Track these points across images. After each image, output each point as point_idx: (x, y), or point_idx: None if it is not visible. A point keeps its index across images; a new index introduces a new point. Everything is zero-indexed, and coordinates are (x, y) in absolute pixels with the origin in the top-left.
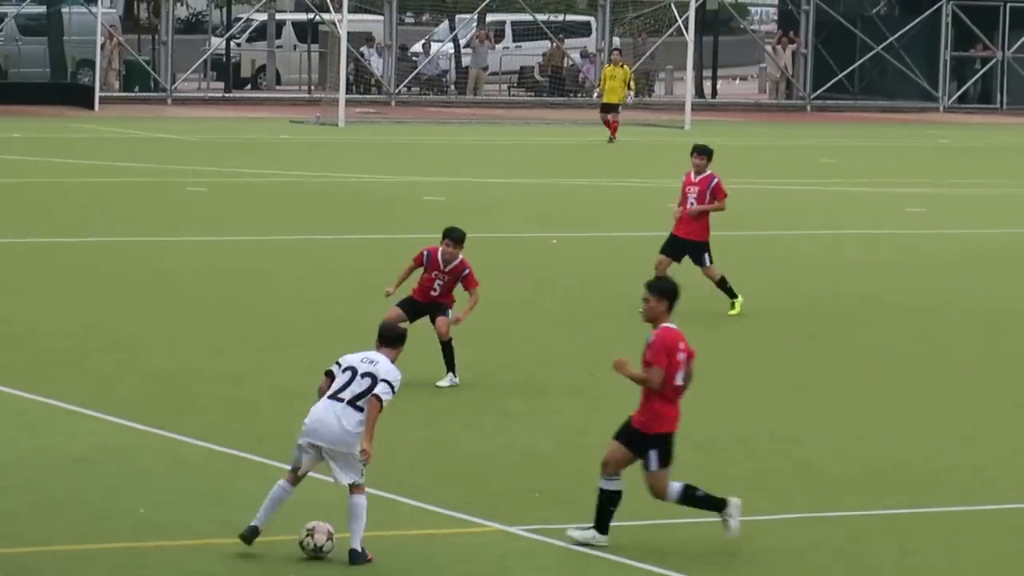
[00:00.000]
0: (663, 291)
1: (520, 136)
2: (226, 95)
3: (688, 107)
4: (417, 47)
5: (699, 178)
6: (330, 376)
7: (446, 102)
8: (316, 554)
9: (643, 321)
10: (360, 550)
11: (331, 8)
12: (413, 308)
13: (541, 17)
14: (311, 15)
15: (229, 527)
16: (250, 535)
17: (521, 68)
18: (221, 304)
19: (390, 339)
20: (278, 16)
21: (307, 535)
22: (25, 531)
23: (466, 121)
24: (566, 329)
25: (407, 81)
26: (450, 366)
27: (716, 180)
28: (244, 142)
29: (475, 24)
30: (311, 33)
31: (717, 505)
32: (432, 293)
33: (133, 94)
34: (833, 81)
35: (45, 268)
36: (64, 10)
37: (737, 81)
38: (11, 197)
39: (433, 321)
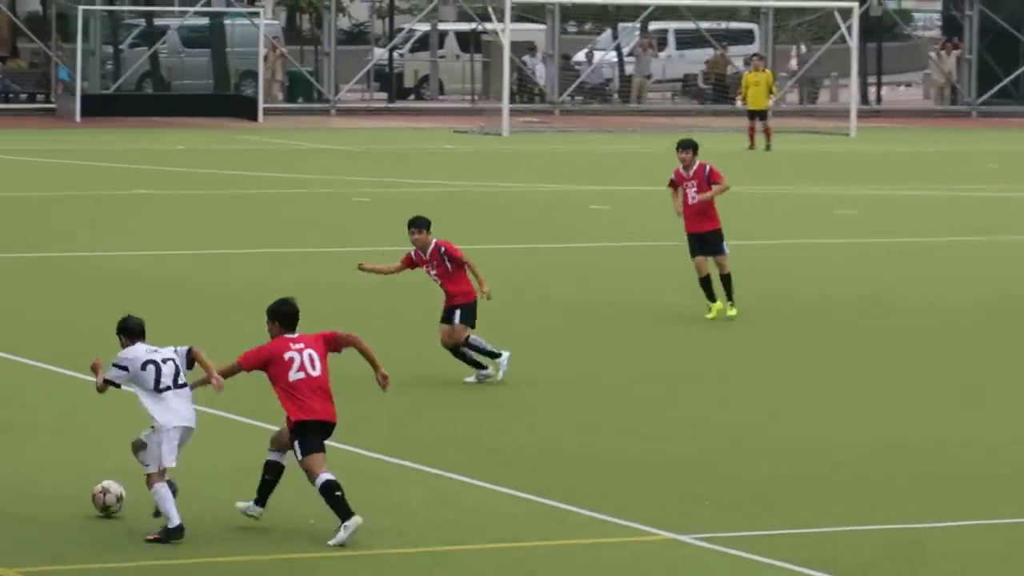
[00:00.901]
0: None
1: None
2: (389, 105)
3: (853, 114)
4: (580, 56)
5: (692, 171)
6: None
7: (609, 111)
8: (106, 513)
9: None
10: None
11: (494, 17)
12: (448, 316)
13: (704, 25)
14: (474, 25)
15: (399, 536)
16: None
17: (684, 76)
18: (384, 313)
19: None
20: (441, 26)
21: (101, 492)
22: (194, 539)
23: (630, 130)
24: (726, 336)
25: (570, 90)
26: (474, 364)
27: (709, 167)
28: (407, 152)
29: (638, 32)
30: (474, 43)
31: (344, 513)
32: (437, 283)
33: (296, 105)
34: (998, 87)
35: (215, 279)
36: (227, 22)
37: (901, 88)
38: (175, 209)
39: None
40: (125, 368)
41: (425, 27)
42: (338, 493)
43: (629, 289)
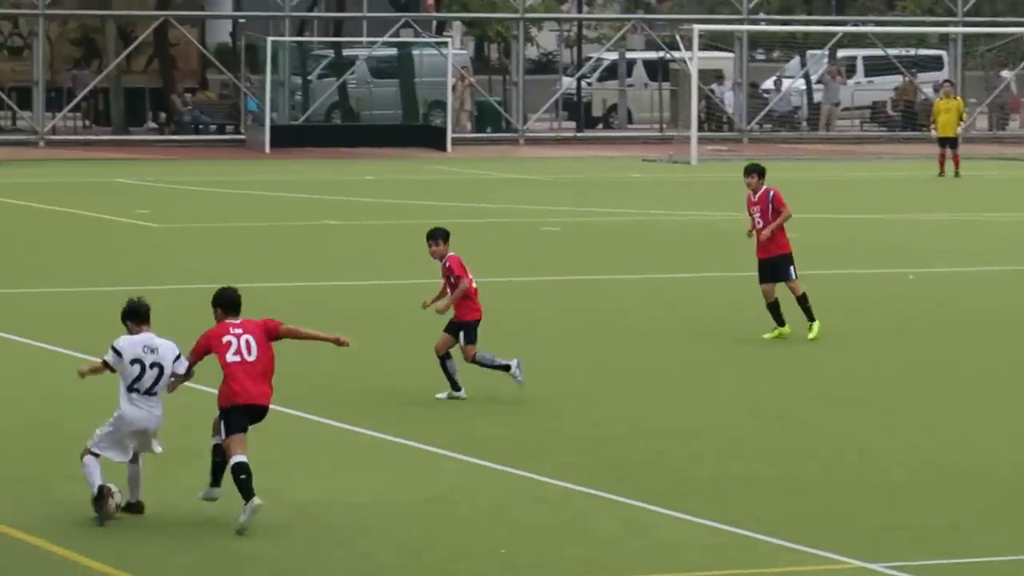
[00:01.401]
0: None
1: (874, 171)
2: (577, 134)
3: None
4: (768, 83)
5: (758, 196)
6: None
7: (798, 138)
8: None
9: None
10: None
11: (682, 46)
12: (453, 331)
13: (893, 52)
14: (662, 53)
15: (590, 566)
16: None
17: (873, 103)
18: (572, 342)
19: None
20: (629, 55)
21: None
22: (383, 571)
23: (819, 157)
24: (923, 364)
25: (758, 118)
26: (453, 383)
27: (773, 192)
28: (595, 181)
29: (826, 60)
30: (662, 71)
31: (247, 495)
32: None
33: (484, 135)
34: None
35: (404, 309)
36: (415, 52)
37: None
38: (364, 239)
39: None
40: (119, 354)
41: (613, 56)
42: (243, 476)
43: (820, 315)
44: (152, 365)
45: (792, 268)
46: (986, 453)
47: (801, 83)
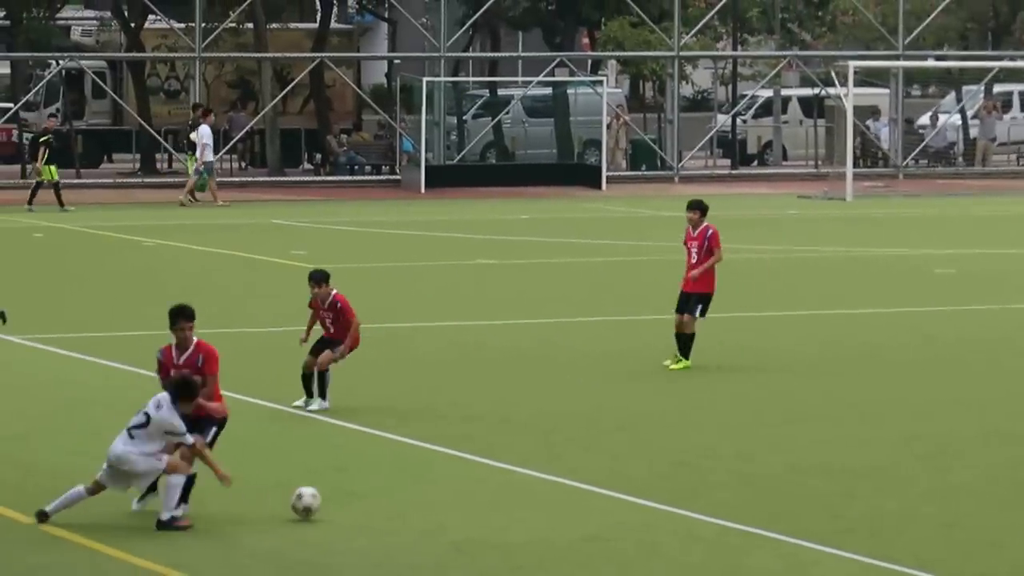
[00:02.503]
0: None
1: None
2: (732, 172)
3: None
4: (924, 119)
5: (697, 232)
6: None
7: (954, 174)
8: (306, 516)
9: None
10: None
11: (836, 82)
12: (320, 346)
13: None
14: (816, 90)
15: None
16: (42, 518)
17: None
18: (733, 380)
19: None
20: (783, 91)
21: (296, 498)
22: None
23: (975, 193)
24: None
25: (914, 154)
26: (322, 393)
27: (712, 231)
28: (751, 218)
29: (982, 95)
30: (816, 108)
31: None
32: (329, 331)
33: (640, 173)
34: None
35: (563, 347)
36: (570, 91)
37: None
38: (520, 278)
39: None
40: None
41: (768, 93)
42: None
43: (975, 352)
44: (144, 412)
45: (701, 307)
46: None
47: (957, 118)
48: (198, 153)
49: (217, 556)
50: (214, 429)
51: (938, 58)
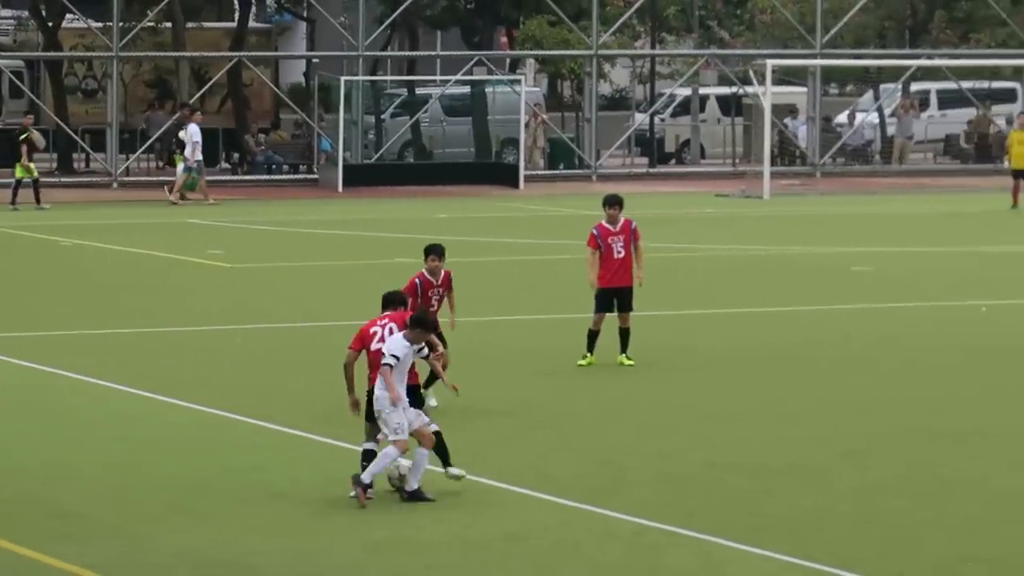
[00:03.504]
0: None
1: (947, 205)
2: (650, 170)
3: None
4: (841, 118)
5: (619, 226)
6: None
7: (871, 172)
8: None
9: None
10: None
11: (755, 81)
12: None
13: (966, 85)
14: (734, 88)
15: None
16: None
17: (947, 136)
18: (652, 379)
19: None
20: (701, 90)
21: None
22: None
23: (892, 191)
24: (999, 397)
25: (832, 152)
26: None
27: (635, 224)
28: (669, 217)
29: (900, 93)
30: (734, 106)
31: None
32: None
33: (558, 171)
34: None
35: (492, 345)
36: (488, 90)
37: None
38: None
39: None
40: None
41: (686, 91)
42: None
43: (891, 350)
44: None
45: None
46: None
47: (874, 117)
48: (187, 152)
49: (134, 556)
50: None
51: (856, 56)
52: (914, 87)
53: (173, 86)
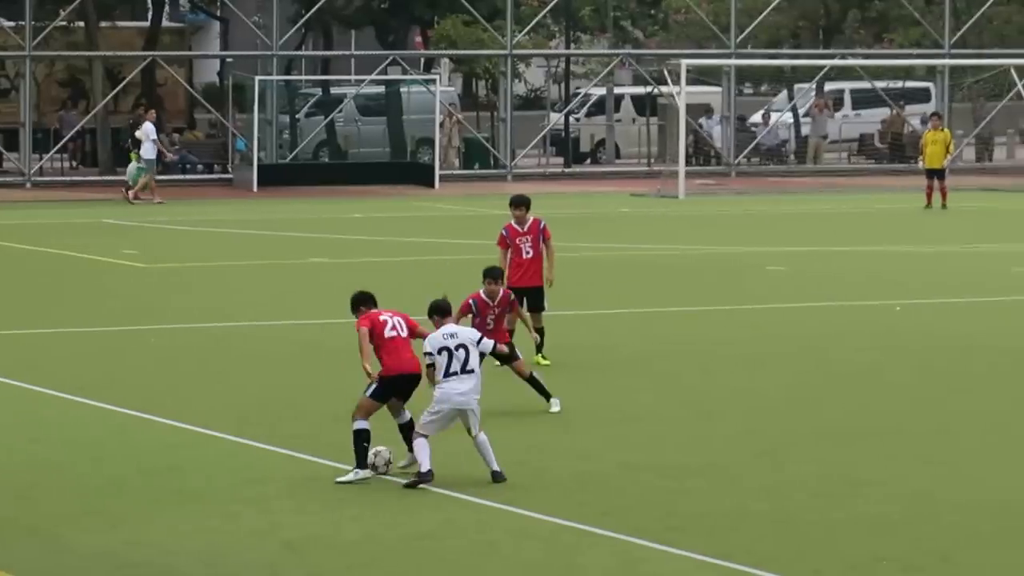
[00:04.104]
0: None
1: (861, 204)
2: (565, 170)
3: None
4: (756, 117)
5: (528, 227)
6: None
7: (786, 172)
8: (386, 469)
9: None
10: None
11: (669, 80)
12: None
13: (880, 84)
14: (649, 88)
15: None
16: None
17: (861, 136)
18: (567, 378)
19: (443, 310)
20: (616, 90)
21: (374, 456)
22: None
23: (806, 190)
24: (913, 396)
25: (746, 152)
26: (544, 393)
27: (543, 224)
28: (584, 216)
29: (814, 93)
30: (649, 106)
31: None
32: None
33: (473, 171)
34: None
35: None
36: (403, 90)
37: None
38: (352, 277)
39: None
40: (430, 354)
41: (601, 91)
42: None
43: (806, 349)
44: (457, 347)
45: (544, 300)
46: (977, 485)
47: (789, 117)
48: (143, 151)
49: (50, 558)
50: None
51: (770, 56)
52: (828, 87)
53: (86, 86)
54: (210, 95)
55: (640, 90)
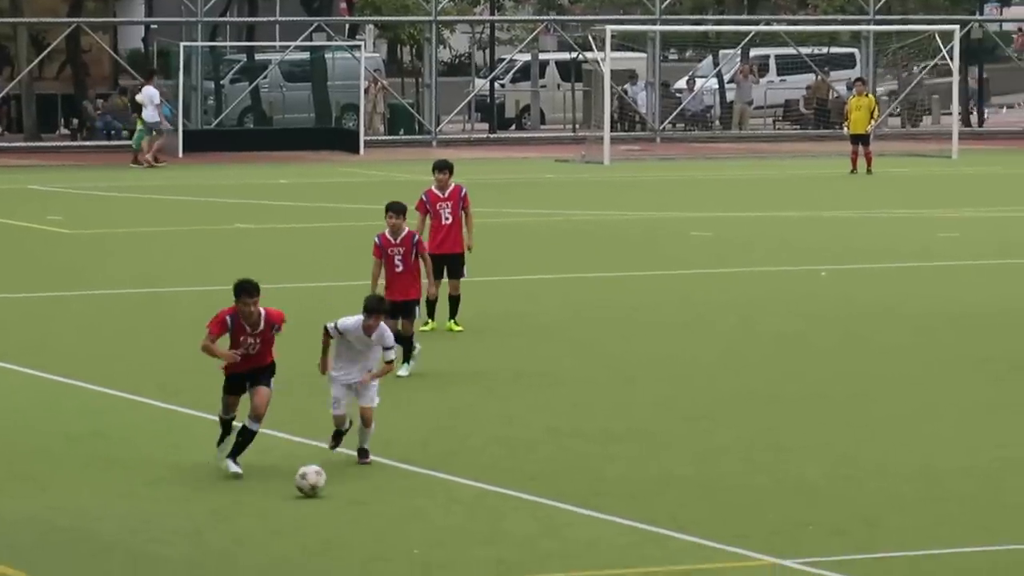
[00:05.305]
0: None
1: (786, 170)
2: (490, 136)
3: (955, 137)
4: (681, 83)
5: (448, 192)
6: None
7: (711, 137)
8: (313, 493)
9: None
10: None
11: (594, 47)
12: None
13: (805, 50)
14: (574, 54)
15: (503, 566)
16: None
17: (786, 102)
18: (492, 344)
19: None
20: (541, 56)
21: (301, 478)
22: (297, 572)
23: (731, 156)
24: (837, 361)
25: (671, 118)
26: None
27: (464, 191)
28: (510, 182)
29: (739, 59)
30: (574, 72)
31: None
32: (397, 271)
33: (398, 137)
34: None
35: (319, 314)
36: (328, 56)
37: (1004, 110)
38: (277, 243)
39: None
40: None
41: (526, 57)
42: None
43: (730, 315)
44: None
45: (465, 267)
46: (899, 449)
47: (714, 82)
48: (147, 113)
49: None
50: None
51: (695, 22)
52: (753, 53)
53: (11, 52)
54: (135, 61)
55: (565, 56)
